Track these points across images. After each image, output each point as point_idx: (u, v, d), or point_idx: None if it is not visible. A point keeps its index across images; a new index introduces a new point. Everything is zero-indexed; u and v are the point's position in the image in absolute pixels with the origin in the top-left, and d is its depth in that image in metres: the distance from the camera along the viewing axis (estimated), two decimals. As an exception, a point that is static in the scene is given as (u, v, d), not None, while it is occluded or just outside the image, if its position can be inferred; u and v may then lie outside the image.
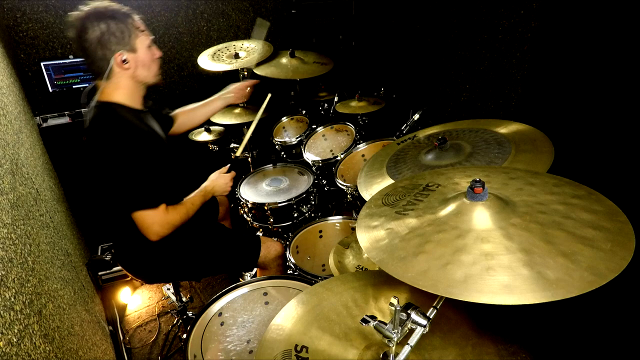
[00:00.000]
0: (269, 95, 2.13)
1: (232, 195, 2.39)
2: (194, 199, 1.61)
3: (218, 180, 1.71)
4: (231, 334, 1.32)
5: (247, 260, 1.76)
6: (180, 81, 3.22)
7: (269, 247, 1.78)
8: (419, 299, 0.99)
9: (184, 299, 1.97)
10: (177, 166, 1.68)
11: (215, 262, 1.71)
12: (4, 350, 0.76)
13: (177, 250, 1.62)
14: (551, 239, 0.73)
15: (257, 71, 2.54)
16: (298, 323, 1.01)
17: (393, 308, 0.80)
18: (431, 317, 0.81)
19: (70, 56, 2.67)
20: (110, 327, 2.10)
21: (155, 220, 1.43)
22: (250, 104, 2.65)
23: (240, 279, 2.21)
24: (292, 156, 2.70)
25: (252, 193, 2.35)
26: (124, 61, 1.40)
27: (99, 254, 2.48)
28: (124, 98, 1.45)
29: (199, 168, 2.84)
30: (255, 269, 2.03)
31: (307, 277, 1.60)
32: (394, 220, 0.90)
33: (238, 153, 1.81)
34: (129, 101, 1.47)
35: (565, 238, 0.73)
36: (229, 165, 1.76)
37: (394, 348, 0.83)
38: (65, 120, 2.52)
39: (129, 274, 1.71)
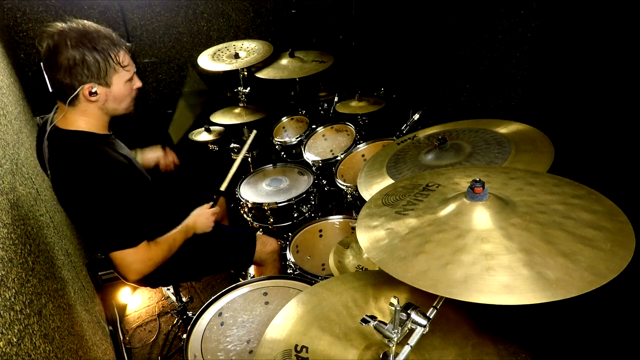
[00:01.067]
0: (254, 132, 2.11)
1: (232, 195, 2.39)
2: (175, 235, 1.50)
3: (200, 216, 1.60)
4: (231, 334, 1.32)
5: (244, 257, 1.76)
6: (180, 81, 3.22)
7: (265, 243, 1.78)
8: (419, 299, 0.98)
9: (184, 299, 1.97)
10: (157, 192, 1.59)
11: (212, 260, 1.71)
12: (4, 350, 0.76)
13: (176, 253, 1.62)
14: (551, 239, 0.73)
15: (258, 75, 2.54)
16: (298, 323, 1.01)
17: (393, 308, 0.79)
18: (431, 317, 0.81)
19: (70, 56, 2.67)
20: (110, 327, 2.10)
21: (136, 259, 1.32)
22: (250, 104, 2.66)
23: (241, 279, 2.21)
24: (292, 156, 2.70)
25: (252, 193, 2.35)
26: (92, 93, 1.26)
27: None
28: (89, 125, 1.32)
29: (198, 168, 2.85)
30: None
31: (307, 277, 1.60)
32: (394, 220, 0.90)
33: (223, 187, 1.78)
34: (94, 128, 1.33)
35: (565, 238, 0.73)
36: (212, 202, 1.69)
37: (394, 348, 0.83)
38: (65, 120, 2.51)
39: (134, 284, 1.69)
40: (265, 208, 2.18)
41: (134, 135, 1.93)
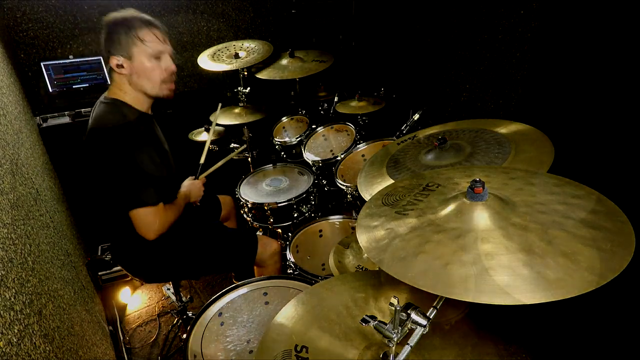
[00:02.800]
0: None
1: (232, 196, 2.39)
2: (179, 201, 1.62)
3: (192, 185, 1.75)
4: (231, 334, 1.32)
5: (245, 258, 1.76)
6: (180, 81, 3.22)
7: (266, 245, 1.79)
8: (419, 299, 0.98)
9: (184, 299, 1.97)
10: (177, 172, 1.69)
11: (212, 260, 1.72)
12: (4, 350, 0.76)
13: (175, 249, 1.63)
14: (551, 239, 0.73)
15: (258, 75, 2.53)
16: (298, 323, 1.01)
17: (393, 308, 0.79)
18: (431, 317, 0.81)
19: (70, 56, 2.68)
20: (110, 327, 2.11)
21: (156, 219, 1.44)
22: (249, 103, 2.66)
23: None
24: (292, 156, 2.69)
25: (252, 193, 2.35)
26: (118, 65, 1.44)
27: (99, 254, 2.48)
28: (130, 100, 1.50)
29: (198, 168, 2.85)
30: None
31: (307, 277, 1.60)
32: (394, 220, 0.90)
33: (202, 160, 1.90)
34: (133, 103, 1.51)
35: (565, 238, 0.73)
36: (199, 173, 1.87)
37: (394, 348, 0.83)
38: (65, 120, 2.52)
39: (128, 274, 1.71)
40: (265, 208, 2.18)
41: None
